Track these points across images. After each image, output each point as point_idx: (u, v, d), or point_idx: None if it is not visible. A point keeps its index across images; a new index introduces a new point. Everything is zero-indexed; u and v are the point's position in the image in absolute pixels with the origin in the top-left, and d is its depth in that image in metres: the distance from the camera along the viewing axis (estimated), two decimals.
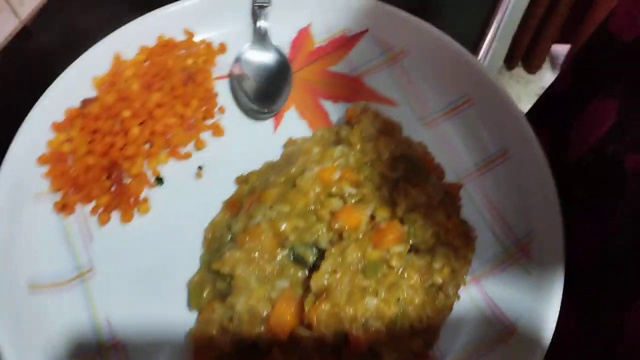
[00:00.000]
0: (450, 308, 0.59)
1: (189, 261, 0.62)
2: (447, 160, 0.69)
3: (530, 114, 0.68)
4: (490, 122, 0.70)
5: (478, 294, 0.62)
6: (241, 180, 0.67)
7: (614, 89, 0.62)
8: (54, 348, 0.56)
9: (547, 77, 1.74)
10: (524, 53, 1.40)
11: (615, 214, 0.58)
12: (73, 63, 0.69)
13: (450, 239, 0.58)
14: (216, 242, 0.62)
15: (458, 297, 0.60)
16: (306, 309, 0.53)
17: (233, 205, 0.64)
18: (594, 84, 0.66)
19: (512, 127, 0.68)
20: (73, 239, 0.63)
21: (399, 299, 0.55)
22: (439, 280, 0.56)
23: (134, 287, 0.61)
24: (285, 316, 0.54)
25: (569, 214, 0.62)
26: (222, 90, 0.73)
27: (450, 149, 0.70)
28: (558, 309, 0.58)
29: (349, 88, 0.75)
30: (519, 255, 0.63)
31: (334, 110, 0.73)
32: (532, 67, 1.51)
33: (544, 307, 0.58)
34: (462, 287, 0.60)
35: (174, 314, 0.59)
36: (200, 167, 0.68)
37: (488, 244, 0.64)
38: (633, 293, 0.54)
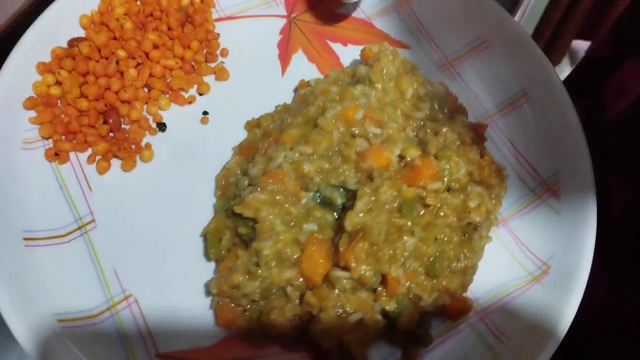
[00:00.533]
0: (483, 249, 0.56)
1: (200, 209, 0.57)
2: (466, 102, 0.65)
3: (570, 80, 0.66)
4: (509, 63, 0.67)
5: (507, 236, 0.59)
6: (252, 125, 0.62)
7: None
8: (59, 303, 0.50)
9: (566, 71, 1.69)
10: (545, 46, 1.36)
11: None
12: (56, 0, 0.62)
13: (484, 177, 0.55)
14: (231, 188, 0.57)
15: (490, 239, 0.57)
16: (341, 249, 0.49)
17: (246, 150, 0.59)
18: (630, 44, 0.65)
19: (531, 67, 0.65)
20: (70, 189, 0.56)
21: (436, 238, 0.51)
22: (476, 218, 0.53)
23: (142, 239, 0.55)
24: (318, 259, 0.50)
25: (605, 169, 0.60)
26: (225, 32, 0.68)
27: (468, 91, 0.67)
28: (593, 245, 0.55)
29: (359, 30, 0.70)
30: (546, 196, 0.61)
31: (344, 53, 0.69)
32: (552, 61, 1.47)
33: (577, 245, 0.56)
34: (492, 229, 0.58)
35: (188, 265, 0.54)
36: (205, 113, 0.63)
37: (514, 186, 0.62)
38: None
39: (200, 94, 0.64)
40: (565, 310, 0.53)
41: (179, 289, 0.53)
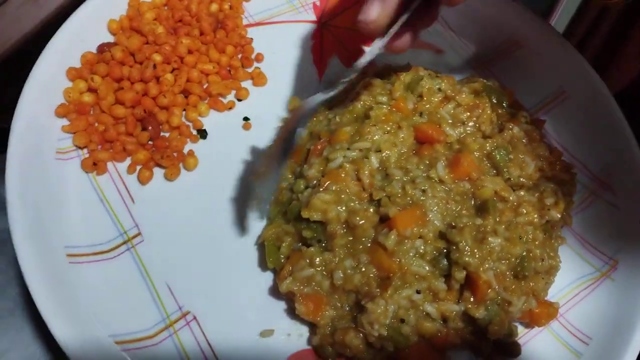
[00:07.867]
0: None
1: (250, 217, 0.53)
2: None
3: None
4: (544, 62, 0.66)
5: (568, 234, 0.57)
6: None
7: None
8: (113, 324, 0.45)
9: None
10: None
11: None
12: (82, 5, 0.59)
13: (555, 173, 0.54)
14: (284, 192, 0.53)
15: (564, 240, 0.55)
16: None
17: (295, 154, 0.56)
18: None
19: (567, 65, 0.65)
20: (111, 201, 0.52)
21: (520, 237, 0.49)
22: (556, 215, 0.50)
23: (192, 251, 0.51)
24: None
25: None
26: (256, 38, 0.65)
27: None
28: None
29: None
30: (601, 191, 0.59)
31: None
32: None
33: None
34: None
35: (244, 276, 0.51)
36: (246, 119, 0.60)
37: None
38: None
39: (239, 100, 0.61)
40: None
41: (237, 303, 0.49)
